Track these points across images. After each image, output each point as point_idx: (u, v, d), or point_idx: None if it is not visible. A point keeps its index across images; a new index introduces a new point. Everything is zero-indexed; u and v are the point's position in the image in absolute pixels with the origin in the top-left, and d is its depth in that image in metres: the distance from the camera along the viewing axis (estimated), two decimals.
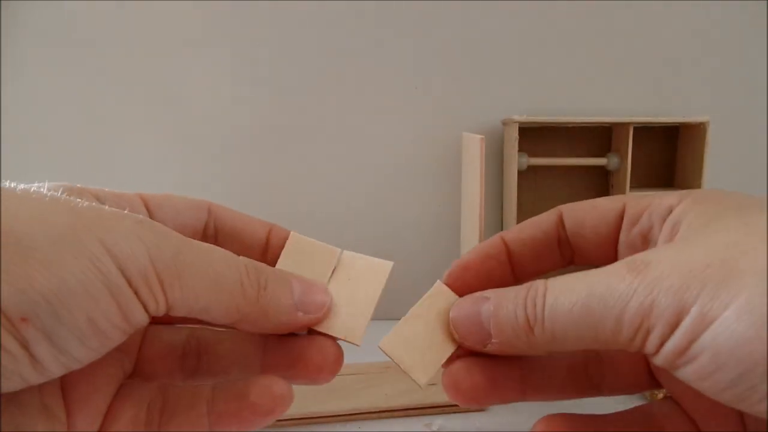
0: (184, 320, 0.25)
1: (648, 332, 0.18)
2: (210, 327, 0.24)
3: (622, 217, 0.24)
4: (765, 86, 0.66)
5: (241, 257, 0.21)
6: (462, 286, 0.25)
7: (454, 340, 0.23)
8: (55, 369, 0.17)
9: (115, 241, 0.18)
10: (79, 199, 0.19)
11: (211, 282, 0.20)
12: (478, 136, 0.47)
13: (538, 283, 0.21)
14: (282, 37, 0.65)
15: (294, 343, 0.24)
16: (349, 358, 0.55)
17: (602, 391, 0.26)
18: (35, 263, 0.16)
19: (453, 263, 0.26)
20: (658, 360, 0.18)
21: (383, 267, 0.25)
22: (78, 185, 0.23)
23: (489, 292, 0.23)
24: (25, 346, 0.16)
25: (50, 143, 0.66)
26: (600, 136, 0.66)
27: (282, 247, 0.26)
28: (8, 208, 0.17)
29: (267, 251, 0.26)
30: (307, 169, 0.67)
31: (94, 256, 0.17)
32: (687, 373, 0.18)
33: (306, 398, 0.48)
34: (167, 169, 0.67)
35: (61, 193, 0.19)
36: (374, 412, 0.48)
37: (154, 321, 0.20)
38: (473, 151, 0.48)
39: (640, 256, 0.19)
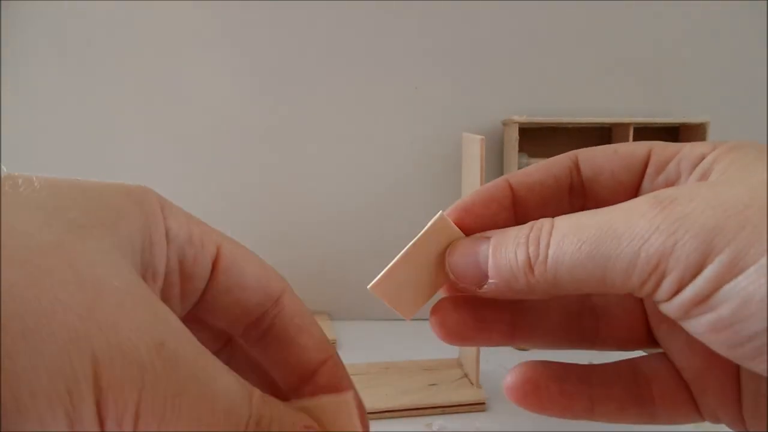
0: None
1: (663, 275, 0.16)
2: None
3: (646, 164, 0.21)
4: (765, 86, 0.66)
5: (254, 399, 0.17)
6: (461, 230, 0.22)
7: (449, 279, 0.22)
8: None
9: (109, 359, 0.14)
10: (116, 282, 0.15)
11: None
12: (478, 137, 0.47)
13: (544, 221, 0.19)
14: (282, 37, 0.65)
15: None
16: (349, 358, 0.55)
17: (594, 344, 0.24)
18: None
19: (455, 204, 0.23)
20: (670, 307, 0.16)
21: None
22: (153, 195, 0.19)
23: (491, 232, 0.21)
24: None
25: (50, 143, 0.66)
26: (600, 137, 0.66)
27: (331, 380, 0.21)
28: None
29: (311, 381, 0.21)
30: (307, 169, 0.67)
31: (75, 383, 0.14)
32: (699, 324, 0.16)
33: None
34: (167, 169, 0.67)
35: (113, 251, 0.15)
36: (374, 412, 0.47)
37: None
38: (473, 151, 0.48)
39: (666, 192, 0.17)
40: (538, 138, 0.65)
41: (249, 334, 0.21)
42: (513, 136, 0.61)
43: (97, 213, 0.16)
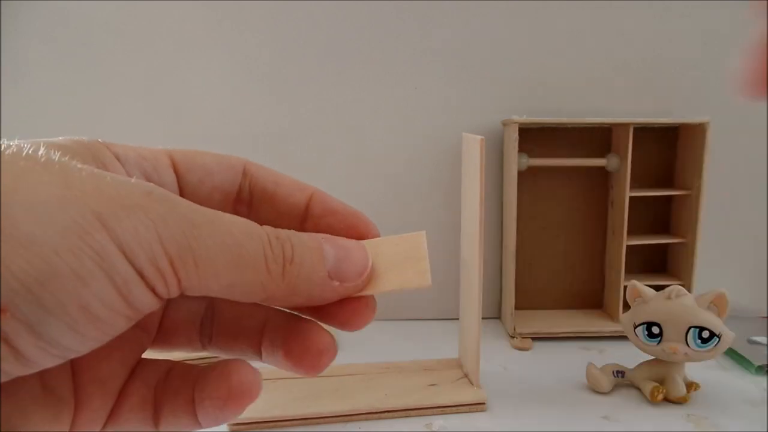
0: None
1: None
2: None
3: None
4: None
5: (263, 227, 0.18)
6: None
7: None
8: (46, 361, 0.15)
9: (114, 215, 0.15)
10: (80, 165, 0.16)
11: (233, 258, 0.17)
12: (478, 137, 0.47)
13: None
14: (281, 37, 0.65)
15: (296, 324, 0.21)
16: (349, 359, 0.55)
17: None
18: (14, 242, 0.14)
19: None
20: None
21: (415, 234, 0.22)
22: (99, 140, 0.20)
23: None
24: (5, 339, 0.14)
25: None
26: (600, 137, 0.66)
27: (325, 215, 0.23)
28: None
29: (306, 220, 0.23)
30: (306, 169, 0.67)
31: (85, 232, 0.15)
32: None
33: (306, 398, 0.48)
34: None
35: (68, 157, 0.17)
36: (374, 413, 0.48)
37: None
38: (473, 151, 0.48)
39: None
40: (538, 138, 0.65)
41: (239, 212, 0.22)
42: (513, 136, 0.61)
43: (52, 148, 0.17)
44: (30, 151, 0.16)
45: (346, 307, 0.20)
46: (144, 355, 0.22)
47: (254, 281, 0.18)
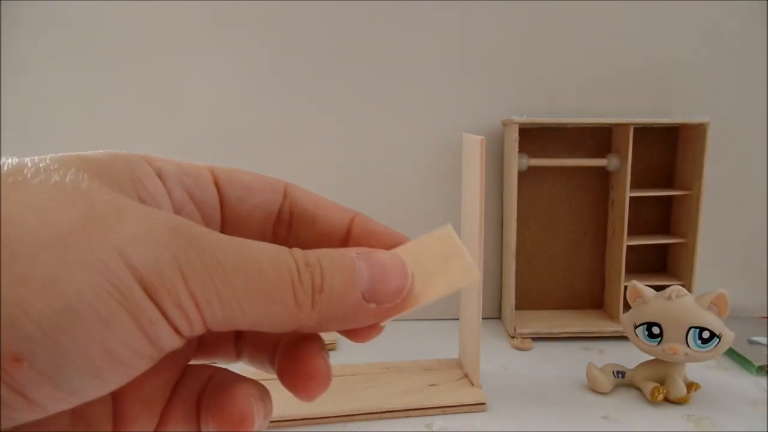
0: None
1: None
2: None
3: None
4: (765, 86, 0.66)
5: (293, 251, 0.17)
6: None
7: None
8: (60, 407, 0.14)
9: (134, 248, 0.14)
10: (107, 195, 0.15)
11: (259, 294, 0.16)
12: (478, 137, 0.47)
13: None
14: (282, 38, 0.65)
15: (296, 343, 0.20)
16: (349, 359, 0.55)
17: None
18: (33, 284, 0.13)
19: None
20: None
21: (443, 230, 0.21)
22: (140, 154, 0.19)
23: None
24: (20, 392, 0.13)
25: (50, 143, 0.66)
26: (600, 137, 0.66)
27: (366, 237, 0.22)
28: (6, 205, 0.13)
29: (347, 242, 0.22)
30: (307, 169, 0.67)
31: (108, 270, 0.14)
32: None
33: None
34: None
35: (97, 183, 0.16)
36: (374, 413, 0.47)
37: None
38: (473, 151, 0.48)
39: None
40: (538, 138, 0.65)
41: (278, 233, 0.22)
42: (513, 137, 0.61)
43: (82, 170, 0.17)
44: (57, 178, 0.15)
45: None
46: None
47: (283, 315, 0.17)
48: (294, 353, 0.20)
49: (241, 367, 0.22)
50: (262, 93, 0.66)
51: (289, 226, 0.22)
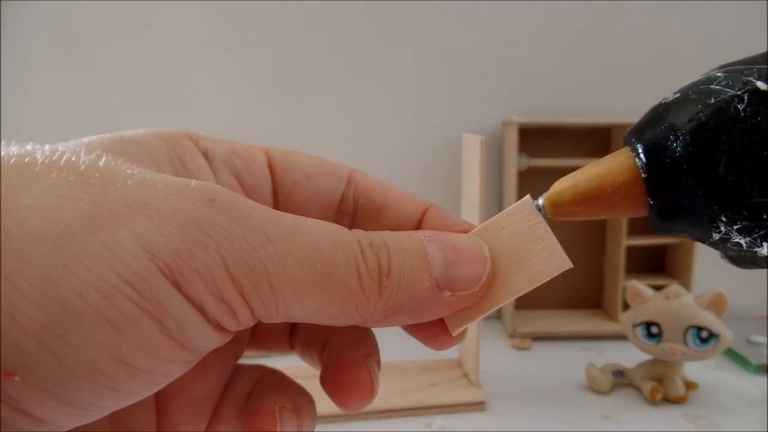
0: None
1: None
2: None
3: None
4: None
5: (353, 231, 0.15)
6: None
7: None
8: (82, 421, 0.12)
9: (158, 231, 0.12)
10: (131, 171, 0.13)
11: (318, 278, 0.13)
12: (478, 138, 0.47)
13: None
14: (282, 38, 0.65)
15: (345, 346, 0.18)
16: None
17: None
18: (24, 284, 0.11)
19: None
20: None
21: (521, 204, 0.17)
22: (187, 132, 0.18)
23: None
24: (18, 409, 0.11)
25: (50, 142, 0.66)
26: (600, 137, 0.66)
27: (440, 223, 0.19)
28: (7, 196, 0.11)
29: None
30: None
31: (118, 260, 0.11)
32: None
33: None
34: None
35: (122, 160, 0.14)
36: (374, 412, 0.48)
37: None
38: (473, 152, 0.48)
39: None
40: (538, 138, 0.65)
41: (341, 223, 0.19)
42: (513, 137, 0.61)
43: (109, 150, 0.15)
44: (72, 158, 0.13)
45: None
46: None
47: (346, 303, 0.14)
48: (339, 358, 0.18)
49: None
50: (262, 93, 0.66)
51: (353, 217, 0.20)
